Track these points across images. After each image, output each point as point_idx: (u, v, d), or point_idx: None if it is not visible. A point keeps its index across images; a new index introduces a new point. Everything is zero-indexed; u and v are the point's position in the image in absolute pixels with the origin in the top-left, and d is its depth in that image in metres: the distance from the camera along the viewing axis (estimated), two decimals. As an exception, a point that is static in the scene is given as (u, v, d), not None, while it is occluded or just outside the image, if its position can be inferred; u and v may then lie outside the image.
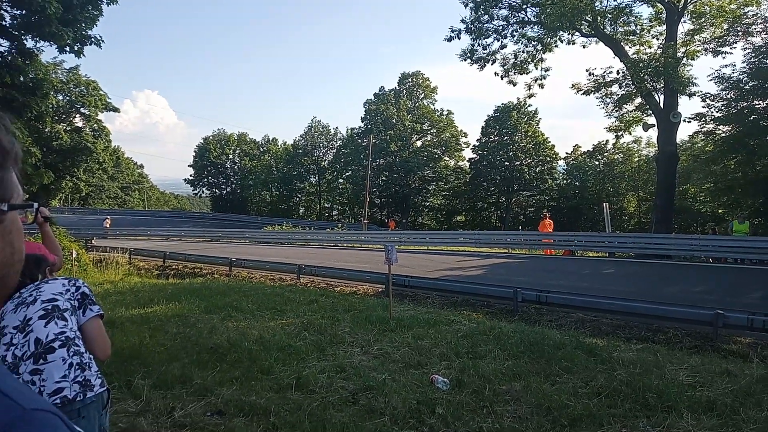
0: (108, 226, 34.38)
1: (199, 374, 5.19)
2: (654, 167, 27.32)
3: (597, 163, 50.00)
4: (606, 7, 21.05)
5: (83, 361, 2.11)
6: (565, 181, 52.04)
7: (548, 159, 50.73)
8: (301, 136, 62.97)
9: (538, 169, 50.74)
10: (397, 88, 55.56)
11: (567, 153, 52.71)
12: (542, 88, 24.83)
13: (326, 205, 64.07)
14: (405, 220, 52.20)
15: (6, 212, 0.57)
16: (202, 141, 70.70)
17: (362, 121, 56.14)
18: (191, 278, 14.82)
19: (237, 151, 70.83)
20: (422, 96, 55.57)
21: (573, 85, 24.19)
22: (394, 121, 52.76)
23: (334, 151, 60.71)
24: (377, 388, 4.85)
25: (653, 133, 22.62)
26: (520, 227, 43.75)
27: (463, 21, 24.48)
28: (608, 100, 23.48)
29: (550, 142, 50.72)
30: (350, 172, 57.11)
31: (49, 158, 34.62)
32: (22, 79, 12.74)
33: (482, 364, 5.62)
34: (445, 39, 24.92)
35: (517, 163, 50.24)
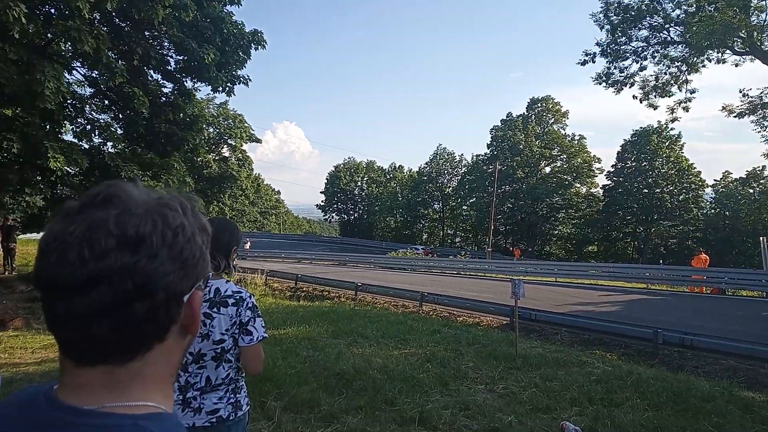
0: (248, 248, 37.14)
1: (327, 400, 5.38)
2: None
3: (751, 191, 44.65)
4: (764, 21, 19.01)
5: (238, 385, 2.34)
6: (713, 211, 47.04)
7: (693, 186, 46.25)
8: (426, 163, 64.01)
9: (681, 197, 46.47)
10: (526, 113, 54.48)
11: (715, 180, 47.83)
12: (687, 111, 22.90)
13: (449, 231, 63.98)
14: (531, 249, 50.42)
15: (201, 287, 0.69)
16: (333, 169, 74.67)
17: (488, 148, 55.74)
18: (320, 300, 15.51)
19: (365, 178, 73.71)
20: (552, 121, 53.90)
21: (723, 107, 22.02)
22: (521, 147, 51.65)
23: (459, 177, 60.81)
24: (503, 430, 4.69)
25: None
26: (660, 261, 40.15)
27: (598, 44, 23.49)
28: (766, 123, 21.03)
29: (695, 167, 46.29)
30: (474, 199, 56.69)
31: (200, 185, 38.41)
32: (181, 116, 14.42)
33: (619, 414, 5.21)
34: (579, 63, 24.04)
35: (658, 190, 46.43)
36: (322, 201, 74.26)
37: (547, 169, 53.66)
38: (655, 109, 23.63)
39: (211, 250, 0.70)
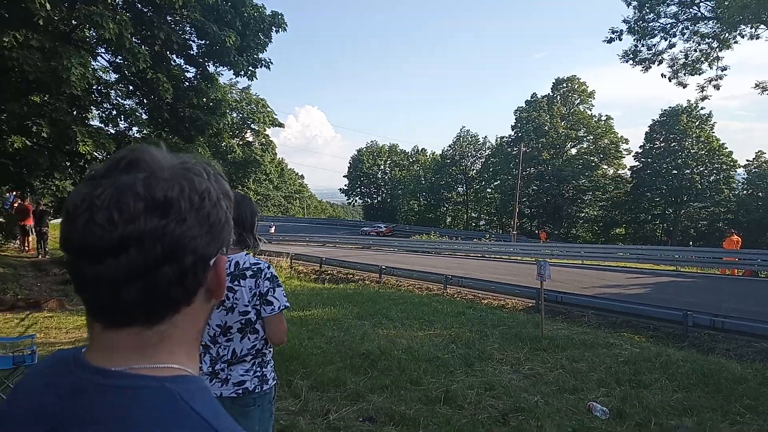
0: (273, 232, 37.48)
1: (352, 379, 5.40)
2: None
3: (787, 171, 43.17)
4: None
5: (265, 359, 2.36)
6: (745, 192, 45.66)
7: (724, 167, 44.87)
8: (449, 146, 63.39)
9: (712, 178, 45.21)
10: (551, 93, 53.39)
11: (748, 160, 46.27)
12: (718, 89, 22.12)
13: (473, 215, 63.54)
14: (557, 232, 49.83)
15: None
16: (356, 152, 74.60)
17: (512, 130, 54.84)
18: (345, 283, 15.60)
19: (388, 162, 73.47)
20: (578, 101, 52.75)
21: (757, 85, 21.20)
22: (546, 128, 50.74)
23: (483, 160, 60.14)
24: (529, 410, 4.64)
25: None
26: (690, 243, 39.23)
27: (625, 21, 22.76)
28: (805, 101, 20.22)
29: (726, 147, 44.88)
30: (499, 182, 56.06)
31: (225, 170, 38.62)
32: (204, 100, 14.48)
33: (647, 395, 5.13)
34: (605, 41, 23.36)
35: (687, 171, 45.23)
36: (345, 185, 74.31)
37: (573, 151, 52.68)
38: (684, 88, 22.88)
39: (236, 228, 0.69)
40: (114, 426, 0.57)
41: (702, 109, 44.64)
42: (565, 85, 53.03)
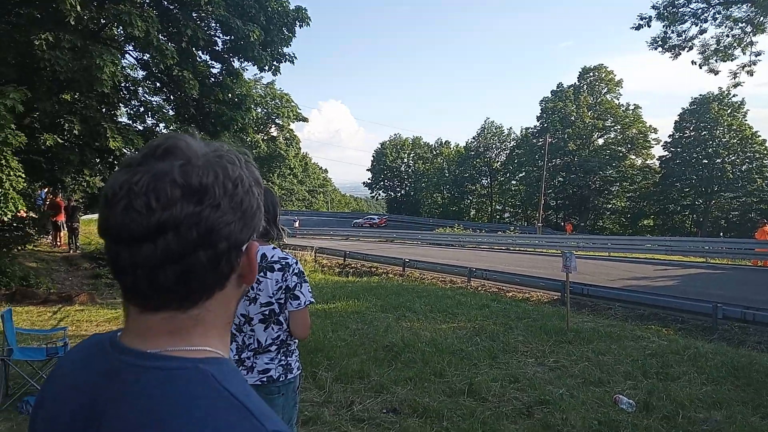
0: (297, 226, 37.80)
1: (376, 371, 5.45)
2: None
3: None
4: (842, -28, 17.49)
5: (289, 349, 2.42)
6: (779, 181, 44.29)
7: (757, 155, 43.59)
8: (473, 138, 62.94)
9: (744, 167, 43.98)
10: (577, 83, 52.53)
11: (783, 148, 44.83)
12: (751, 75, 21.40)
13: (498, 207, 63.05)
14: (583, 224, 49.13)
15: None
16: (379, 146, 74.56)
17: (538, 120, 54.16)
18: (368, 276, 15.66)
19: (411, 155, 73.28)
20: (605, 90, 51.77)
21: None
22: (572, 118, 49.95)
23: (507, 152, 59.57)
24: (553, 402, 4.63)
25: None
26: (720, 234, 38.27)
27: (654, 6, 22.14)
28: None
29: (760, 136, 43.54)
30: (524, 173, 55.54)
31: (250, 165, 39.16)
32: (230, 96, 14.67)
33: (674, 387, 5.06)
34: (633, 27, 22.74)
35: (718, 160, 44.05)
36: (368, 178, 74.39)
37: (600, 141, 51.82)
38: (716, 75, 22.13)
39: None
40: (149, 405, 0.59)
41: (734, 96, 43.50)
42: (591, 74, 52.09)
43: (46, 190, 17.81)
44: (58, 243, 17.07)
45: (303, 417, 4.26)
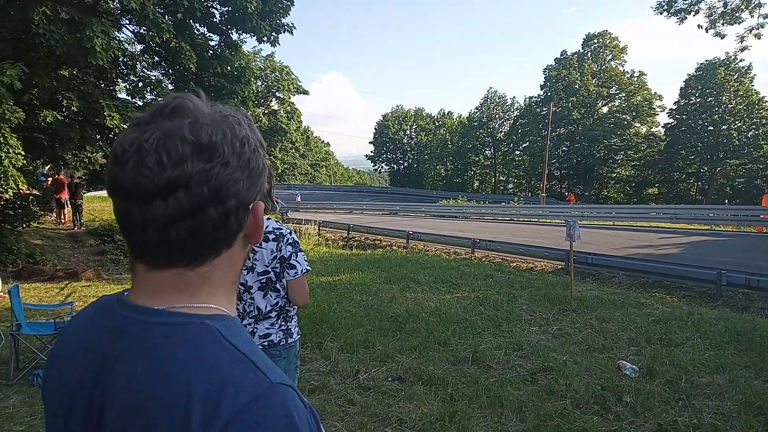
0: (299, 200, 37.74)
1: (381, 341, 5.49)
2: None
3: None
4: None
5: (289, 315, 2.49)
6: (786, 147, 43.78)
7: (764, 121, 43.01)
8: (476, 108, 62.28)
9: (750, 133, 43.33)
10: (581, 50, 51.57)
11: (789, 114, 44.18)
12: (759, 39, 20.93)
13: (501, 178, 62.80)
14: (587, 193, 48.92)
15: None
16: (381, 118, 73.95)
17: (541, 89, 53.41)
18: (372, 249, 15.69)
19: (414, 127, 72.75)
20: (609, 57, 50.85)
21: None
22: (576, 86, 49.23)
23: (511, 122, 58.97)
24: (557, 369, 4.66)
25: None
26: (725, 201, 38.07)
27: (659, -32, 21.68)
28: None
29: (767, 101, 42.98)
30: (527, 143, 55.00)
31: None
32: (229, 68, 14.48)
33: (678, 353, 5.09)
34: (637, -9, 22.34)
35: (724, 127, 43.38)
36: (371, 151, 74.06)
37: (605, 109, 51.12)
38: (722, 38, 21.68)
39: None
40: (157, 359, 0.60)
41: (741, 61, 42.61)
42: (596, 41, 51.12)
43: (48, 167, 17.80)
44: (63, 220, 17.14)
45: (309, 386, 4.31)
